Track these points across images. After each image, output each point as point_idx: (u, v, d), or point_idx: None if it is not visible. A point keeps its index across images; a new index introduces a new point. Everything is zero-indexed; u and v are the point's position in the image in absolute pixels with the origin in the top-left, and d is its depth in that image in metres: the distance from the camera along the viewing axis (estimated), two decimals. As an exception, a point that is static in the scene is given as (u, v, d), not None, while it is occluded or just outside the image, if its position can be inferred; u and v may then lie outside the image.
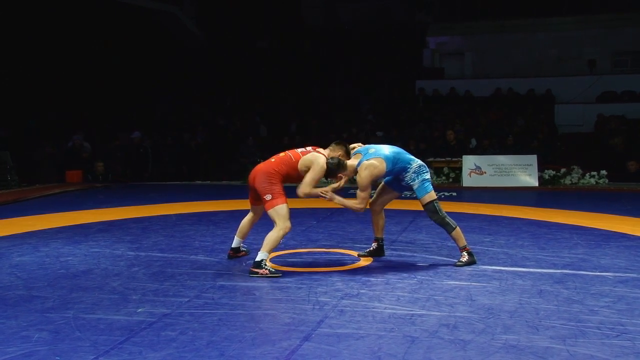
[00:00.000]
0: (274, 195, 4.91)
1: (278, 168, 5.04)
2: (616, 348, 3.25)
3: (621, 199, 10.09)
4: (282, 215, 4.88)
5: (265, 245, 4.86)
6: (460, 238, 5.28)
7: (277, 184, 4.97)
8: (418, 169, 5.30)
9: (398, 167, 5.26)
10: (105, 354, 3.24)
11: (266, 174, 5.00)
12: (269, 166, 5.08)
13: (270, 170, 5.03)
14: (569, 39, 19.35)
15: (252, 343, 3.38)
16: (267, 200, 4.93)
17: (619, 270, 5.00)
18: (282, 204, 4.90)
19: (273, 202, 4.90)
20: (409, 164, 5.28)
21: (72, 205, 9.63)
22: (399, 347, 3.29)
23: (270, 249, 4.88)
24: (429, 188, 5.27)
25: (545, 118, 15.99)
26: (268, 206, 4.92)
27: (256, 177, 5.05)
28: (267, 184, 4.95)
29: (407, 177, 5.28)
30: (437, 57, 20.91)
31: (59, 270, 5.16)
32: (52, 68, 16.13)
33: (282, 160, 5.11)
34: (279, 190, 4.95)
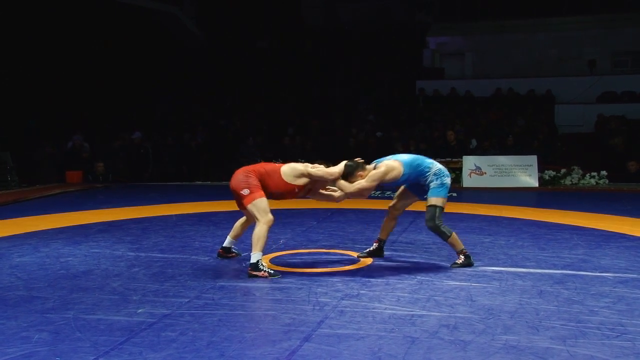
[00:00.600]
0: (251, 189, 4.87)
1: (256, 168, 5.03)
2: (616, 349, 3.25)
3: (621, 199, 10.09)
4: (262, 209, 4.85)
5: (255, 245, 4.83)
6: (456, 243, 5.23)
7: (254, 179, 4.93)
8: (438, 171, 5.22)
9: (416, 173, 5.18)
10: (105, 354, 3.24)
11: (243, 173, 5.00)
12: (246, 167, 5.10)
13: (246, 169, 5.04)
14: (569, 39, 19.36)
15: (252, 344, 3.38)
16: (245, 195, 4.89)
17: (619, 271, 5.00)
18: (260, 197, 4.86)
19: (251, 197, 4.86)
20: (428, 168, 5.21)
21: (72, 205, 9.63)
22: (399, 347, 3.30)
23: (261, 247, 4.84)
24: (442, 193, 5.16)
25: (546, 118, 15.99)
26: (247, 201, 4.88)
27: (233, 179, 5.04)
28: (244, 179, 4.93)
29: (427, 180, 5.20)
30: (437, 57, 20.92)
31: (59, 271, 5.16)
32: (52, 68, 16.13)
33: (266, 165, 5.11)
34: (255, 184, 4.90)
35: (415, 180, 5.24)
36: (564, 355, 3.16)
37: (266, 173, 5.00)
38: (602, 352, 3.20)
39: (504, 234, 6.81)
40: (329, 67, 19.75)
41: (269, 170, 5.03)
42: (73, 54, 16.60)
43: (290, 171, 5.02)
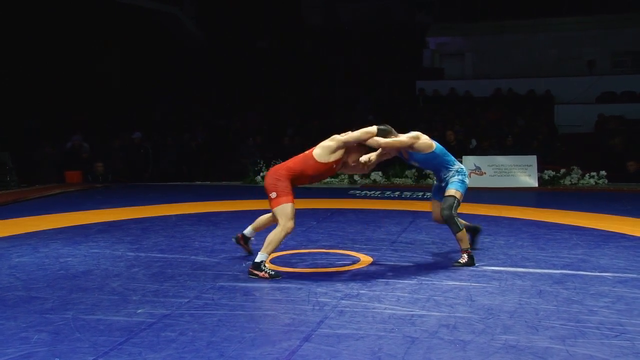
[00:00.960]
0: (279, 193, 4.85)
1: (289, 165, 5.00)
2: (615, 348, 3.26)
3: (621, 199, 10.09)
4: (286, 215, 4.83)
5: (266, 247, 4.83)
6: (464, 240, 5.29)
7: (284, 181, 4.89)
8: (460, 169, 5.44)
9: (442, 160, 5.36)
10: (104, 355, 3.24)
11: (275, 172, 4.99)
12: (279, 165, 5.08)
13: (278, 169, 5.01)
14: (568, 40, 19.38)
15: (252, 344, 3.38)
16: (272, 198, 4.88)
17: (618, 271, 5.00)
18: (287, 203, 4.83)
19: (278, 200, 4.85)
20: (453, 162, 5.42)
21: (72, 205, 9.63)
22: (399, 347, 3.30)
23: (270, 250, 4.85)
24: (462, 188, 5.34)
25: (545, 118, 16.00)
26: (273, 204, 4.88)
27: (266, 178, 5.04)
28: (274, 181, 4.91)
29: (449, 175, 5.37)
30: (437, 57, 20.93)
31: (58, 271, 5.16)
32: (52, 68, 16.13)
33: (296, 158, 5.08)
34: (284, 187, 4.87)
35: (437, 166, 5.40)
36: (563, 355, 3.17)
37: (300, 167, 4.97)
38: (602, 352, 3.20)
39: (504, 233, 6.81)
40: (329, 67, 19.75)
41: (303, 161, 5.00)
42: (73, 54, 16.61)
43: (323, 151, 4.99)
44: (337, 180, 13.32)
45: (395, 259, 5.58)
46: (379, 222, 7.71)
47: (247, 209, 9.05)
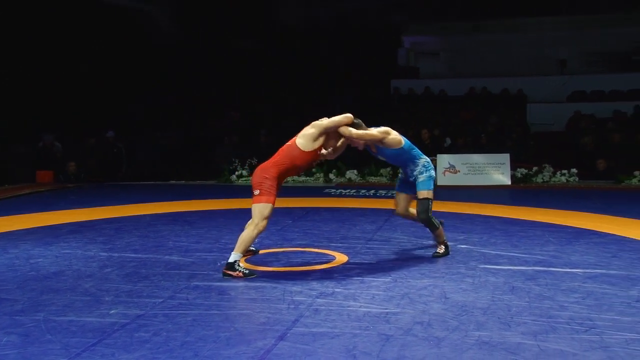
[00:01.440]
0: (262, 192, 4.85)
1: (276, 160, 4.97)
2: (585, 343, 3.31)
3: (591, 196, 10.28)
4: (262, 215, 4.82)
5: (239, 246, 4.81)
6: (441, 235, 5.55)
7: (271, 180, 4.87)
8: (427, 163, 5.51)
9: (410, 155, 5.43)
10: (76, 356, 3.19)
11: (262, 170, 4.96)
12: (267, 162, 5.03)
13: (267, 166, 4.97)
14: (541, 40, 19.65)
15: (227, 343, 3.37)
16: (254, 194, 4.88)
17: (588, 267, 5.09)
18: (267, 203, 4.82)
19: (260, 199, 4.84)
20: (420, 156, 5.50)
21: (43, 206, 9.48)
22: (373, 345, 3.31)
23: (243, 250, 4.84)
24: (431, 186, 5.45)
25: (518, 117, 16.20)
26: (254, 200, 4.87)
27: (254, 175, 5.00)
28: (261, 180, 4.89)
29: (416, 170, 5.45)
30: (412, 56, 21.05)
31: (29, 272, 5.08)
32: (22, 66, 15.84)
33: (280, 151, 5.05)
34: (269, 186, 4.86)
35: (405, 162, 5.47)
36: (534, 351, 3.21)
37: (288, 160, 4.96)
38: (572, 347, 3.26)
39: (478, 231, 6.88)
40: (305, 66, 19.73)
41: (288, 153, 4.98)
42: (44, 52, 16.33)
43: (306, 140, 4.99)
44: (312, 179, 13.33)
45: (370, 257, 5.60)
46: (354, 220, 7.74)
47: (222, 208, 9.01)
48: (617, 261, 5.29)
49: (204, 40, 19.87)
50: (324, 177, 13.23)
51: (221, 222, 7.62)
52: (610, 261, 5.29)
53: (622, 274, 4.84)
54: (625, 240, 6.27)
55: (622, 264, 5.19)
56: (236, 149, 14.42)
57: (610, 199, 9.92)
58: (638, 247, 5.88)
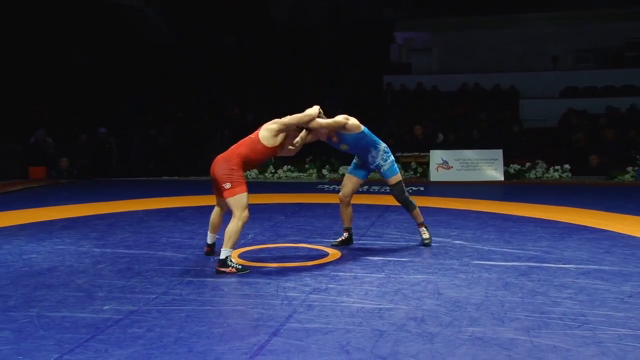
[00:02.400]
0: (234, 184, 4.83)
1: (238, 151, 4.97)
2: (578, 338, 3.33)
3: (583, 192, 10.32)
4: (242, 205, 4.80)
5: (227, 241, 4.77)
6: (418, 215, 5.78)
7: (238, 171, 4.88)
8: (387, 149, 5.68)
9: (369, 141, 5.55)
10: (70, 352, 3.18)
11: (225, 160, 4.93)
12: (227, 153, 5.01)
13: (228, 156, 4.95)
14: (533, 36, 19.70)
15: (221, 339, 3.37)
16: (226, 188, 4.84)
17: (581, 262, 5.11)
18: (242, 193, 4.82)
19: (233, 191, 4.81)
20: (379, 142, 5.62)
21: (36, 202, 9.44)
22: (367, 341, 3.32)
23: (232, 244, 4.80)
24: (397, 170, 5.69)
25: (510, 113, 16.24)
26: (227, 195, 4.84)
27: (216, 166, 4.97)
28: (227, 172, 4.86)
29: (378, 158, 5.58)
30: (404, 52, 21.05)
31: (21, 268, 5.06)
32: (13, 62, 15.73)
33: (242, 142, 5.05)
34: (239, 177, 4.86)
35: (365, 147, 5.56)
36: (528, 346, 3.23)
37: (249, 152, 4.96)
38: (565, 342, 3.27)
39: (471, 227, 6.90)
40: (296, 63, 19.69)
41: (250, 146, 4.99)
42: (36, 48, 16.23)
43: (268, 133, 5.01)
44: (305, 174, 13.33)
45: (364, 253, 5.61)
46: (348, 216, 7.72)
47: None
48: (610, 257, 5.32)
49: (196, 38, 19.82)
50: (317, 172, 13.22)
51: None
52: (603, 257, 5.32)
53: (615, 269, 4.86)
54: (618, 236, 6.30)
55: (615, 259, 5.22)
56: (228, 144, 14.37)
57: (603, 194, 9.97)
58: (631, 243, 5.91)
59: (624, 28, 18.59)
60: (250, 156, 4.98)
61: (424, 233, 5.80)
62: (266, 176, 13.34)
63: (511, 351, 3.15)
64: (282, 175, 13.36)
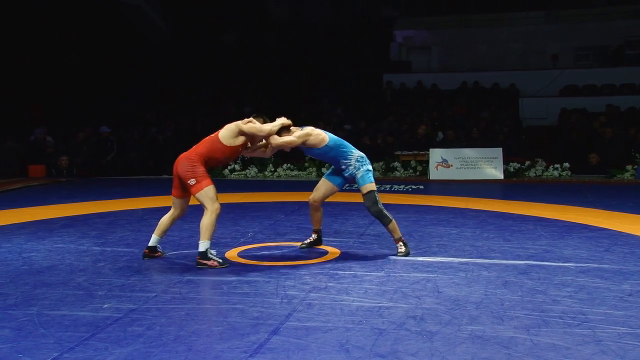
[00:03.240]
0: (198, 179, 4.88)
1: (198, 150, 5.00)
2: (577, 337, 3.33)
3: (583, 190, 10.32)
4: (211, 198, 4.86)
5: (204, 234, 4.83)
6: (395, 230, 5.40)
7: (200, 167, 4.92)
8: (361, 158, 5.43)
9: (338, 152, 5.35)
10: (70, 350, 3.19)
11: (187, 159, 4.97)
12: (189, 151, 5.05)
13: (190, 155, 5.00)
14: (532, 34, 19.68)
15: (220, 337, 3.37)
16: (191, 185, 4.89)
17: (580, 261, 5.12)
18: (208, 186, 4.88)
19: (199, 185, 4.86)
20: (351, 152, 5.40)
21: (35, 200, 9.44)
22: (366, 339, 3.32)
23: (209, 236, 4.85)
24: (371, 179, 5.42)
25: (510, 111, 16.23)
26: (194, 190, 4.90)
27: (178, 165, 5.01)
28: (189, 168, 4.91)
29: (351, 167, 5.38)
30: (404, 50, 21.03)
31: (21, 267, 5.06)
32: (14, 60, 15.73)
33: (203, 142, 5.08)
34: (202, 172, 4.91)
35: (334, 159, 5.40)
36: (527, 345, 3.23)
37: (209, 151, 5.00)
38: (564, 340, 3.28)
39: (470, 225, 6.90)
40: (296, 61, 19.68)
41: (210, 145, 5.02)
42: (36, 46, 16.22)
43: (228, 133, 5.02)
44: (305, 173, 13.33)
45: (363, 251, 5.61)
46: (347, 214, 7.74)
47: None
48: (609, 255, 5.32)
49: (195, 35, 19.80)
50: (316, 171, 13.22)
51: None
52: (603, 255, 5.32)
53: (615, 268, 4.87)
54: (618, 234, 6.30)
55: (614, 258, 5.22)
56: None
57: (603, 193, 9.97)
58: (630, 242, 5.91)
59: (623, 26, 18.57)
60: (210, 155, 5.01)
61: (400, 247, 5.39)
62: (266, 175, 13.34)
63: (510, 349, 3.16)
64: (282, 174, 13.35)
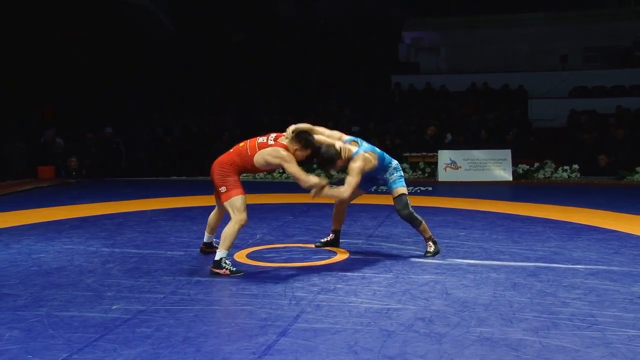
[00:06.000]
0: (229, 187, 4.87)
1: (232, 159, 4.98)
2: (587, 339, 3.32)
3: (592, 192, 10.26)
4: (238, 207, 4.82)
5: (223, 242, 4.78)
6: (426, 230, 5.44)
7: (232, 175, 4.92)
8: (397, 165, 5.50)
9: (382, 166, 5.35)
10: (79, 351, 3.20)
11: (220, 166, 4.97)
12: (224, 157, 5.04)
13: (224, 162, 4.99)
14: (541, 35, 19.61)
15: (229, 339, 3.37)
16: (222, 192, 4.90)
17: (590, 263, 5.09)
18: (237, 195, 4.85)
19: (229, 194, 4.86)
20: (390, 162, 5.44)
21: (45, 201, 9.48)
22: (375, 341, 3.32)
23: (228, 246, 4.80)
24: (402, 183, 5.42)
25: (519, 113, 16.17)
26: (224, 198, 4.89)
27: (213, 170, 5.01)
28: (222, 176, 4.91)
29: (387, 174, 5.41)
30: (412, 52, 21.01)
31: (31, 268, 5.08)
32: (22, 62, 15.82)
33: (238, 151, 5.05)
34: (233, 181, 4.90)
35: (375, 173, 5.37)
36: (536, 347, 3.21)
37: (242, 162, 4.96)
38: (574, 343, 3.26)
39: (479, 227, 6.88)
40: (304, 62, 19.70)
41: (242, 159, 4.97)
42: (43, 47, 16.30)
43: (263, 162, 4.95)
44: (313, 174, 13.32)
45: (372, 253, 5.60)
46: (355, 216, 7.72)
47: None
48: (619, 257, 5.29)
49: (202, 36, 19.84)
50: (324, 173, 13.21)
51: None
52: (612, 257, 5.29)
53: (624, 270, 4.84)
54: (628, 236, 6.26)
55: (624, 260, 5.19)
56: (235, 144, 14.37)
57: (612, 195, 9.91)
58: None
59: (633, 27, 18.47)
60: (243, 166, 5.00)
61: (429, 247, 5.44)
62: (274, 176, 13.34)
63: (519, 352, 3.14)
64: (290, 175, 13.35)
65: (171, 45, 19.55)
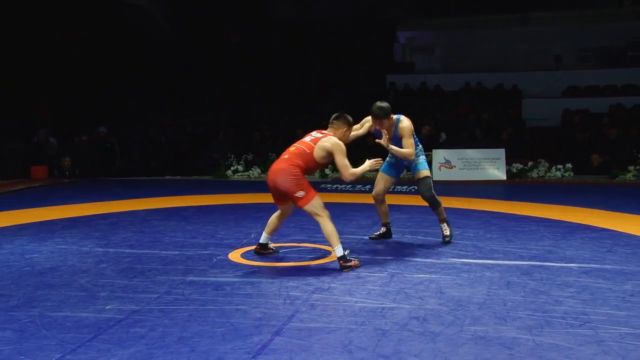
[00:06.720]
0: (306, 190, 4.94)
1: (296, 163, 5.00)
2: (580, 337, 3.33)
3: (585, 191, 10.30)
4: (320, 207, 4.96)
5: (332, 241, 4.88)
6: (442, 212, 5.94)
7: (303, 178, 4.99)
8: (421, 148, 5.95)
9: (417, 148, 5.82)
10: (72, 352, 3.19)
11: (287, 172, 4.95)
12: (287, 163, 5.01)
13: (290, 167, 4.98)
14: (535, 35, 19.66)
15: (223, 338, 3.37)
16: (300, 197, 4.93)
17: (583, 262, 5.11)
18: (314, 197, 4.97)
19: (307, 198, 4.93)
20: (417, 145, 5.87)
21: (37, 201, 9.45)
22: (369, 340, 3.32)
23: (337, 240, 4.89)
24: (426, 166, 5.86)
25: (513, 112, 16.21)
26: (303, 203, 4.94)
27: (277, 178, 4.98)
28: (294, 182, 4.92)
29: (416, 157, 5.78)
30: (407, 51, 21.03)
31: (23, 268, 5.06)
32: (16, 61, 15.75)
33: (297, 154, 5.07)
34: (307, 184, 4.99)
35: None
36: (530, 345, 3.22)
37: (305, 162, 5.04)
38: (567, 341, 3.27)
39: (473, 226, 6.89)
40: (300, 61, 19.68)
41: (303, 158, 5.05)
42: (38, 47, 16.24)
43: (321, 152, 5.07)
44: (308, 174, 13.31)
45: (366, 252, 5.61)
46: (350, 215, 7.73)
47: (218, 203, 9.00)
48: (611, 256, 5.31)
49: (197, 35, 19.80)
50: (319, 172, 13.21)
51: (217, 218, 7.61)
52: (605, 256, 5.31)
53: (617, 268, 4.86)
54: (620, 235, 6.29)
55: (616, 258, 5.21)
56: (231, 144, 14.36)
57: (605, 194, 9.95)
58: (633, 242, 5.90)
59: (627, 27, 18.53)
60: (306, 166, 5.09)
61: (445, 229, 5.91)
62: (268, 175, 13.33)
63: (513, 350, 3.15)
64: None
65: (171, 46, 19.51)
